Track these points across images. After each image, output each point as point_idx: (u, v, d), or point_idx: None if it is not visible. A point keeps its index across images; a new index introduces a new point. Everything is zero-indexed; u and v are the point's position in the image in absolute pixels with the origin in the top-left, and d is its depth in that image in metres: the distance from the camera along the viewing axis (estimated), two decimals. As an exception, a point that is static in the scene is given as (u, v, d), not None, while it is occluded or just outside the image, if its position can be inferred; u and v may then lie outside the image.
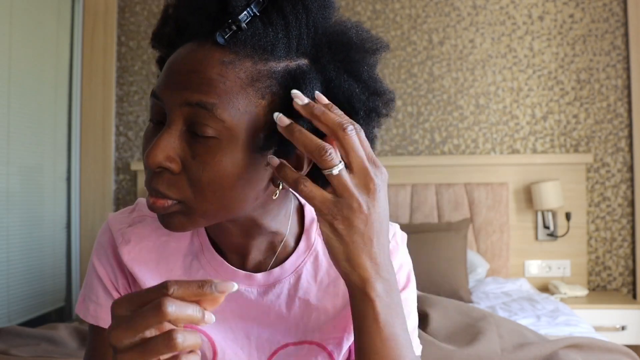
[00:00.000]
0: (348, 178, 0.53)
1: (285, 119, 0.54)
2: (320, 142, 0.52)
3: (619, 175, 2.86)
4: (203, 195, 0.55)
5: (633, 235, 2.83)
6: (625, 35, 2.87)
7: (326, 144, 0.53)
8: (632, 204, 2.83)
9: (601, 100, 2.89)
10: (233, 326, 0.67)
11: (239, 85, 0.54)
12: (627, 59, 2.86)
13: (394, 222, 0.73)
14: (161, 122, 0.57)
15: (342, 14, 0.61)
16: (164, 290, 0.46)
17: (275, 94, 0.55)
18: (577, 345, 1.49)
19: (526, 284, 2.64)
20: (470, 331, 1.57)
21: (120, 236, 0.68)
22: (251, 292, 0.66)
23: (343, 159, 0.54)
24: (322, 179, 0.55)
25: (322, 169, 0.53)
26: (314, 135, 0.53)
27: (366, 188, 0.53)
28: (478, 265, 2.68)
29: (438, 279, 2.37)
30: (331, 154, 0.52)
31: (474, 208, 2.83)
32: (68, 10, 3.10)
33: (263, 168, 0.57)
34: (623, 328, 2.49)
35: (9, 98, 2.58)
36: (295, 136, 0.53)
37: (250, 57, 0.54)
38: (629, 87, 2.86)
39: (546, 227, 2.81)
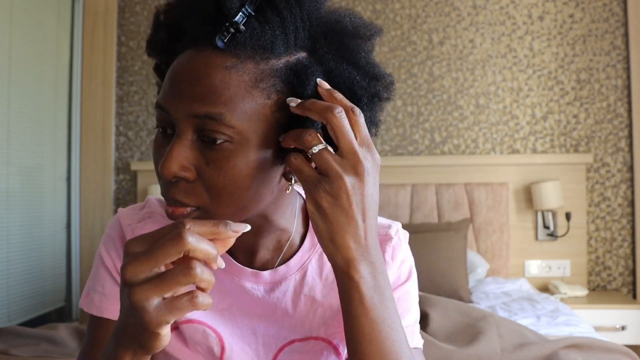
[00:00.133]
0: (331, 158, 0.53)
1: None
2: (302, 129, 0.55)
3: (619, 175, 2.86)
4: (220, 200, 0.56)
5: (633, 235, 2.83)
6: (625, 35, 2.87)
7: (308, 128, 0.54)
8: (632, 204, 2.83)
9: (601, 100, 2.89)
10: (240, 323, 0.68)
11: (244, 89, 0.54)
12: (627, 59, 2.86)
13: (396, 221, 0.75)
14: (169, 131, 0.58)
15: (333, 2, 0.61)
16: (180, 226, 0.47)
17: (280, 91, 0.56)
18: (577, 345, 1.49)
19: (526, 284, 2.64)
20: (470, 331, 1.57)
21: (130, 231, 0.69)
22: (257, 290, 0.67)
23: (335, 142, 0.55)
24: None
25: (305, 150, 0.54)
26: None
27: (354, 169, 0.53)
28: (478, 265, 2.68)
29: (438, 279, 2.37)
30: (310, 134, 0.53)
31: (474, 208, 2.83)
32: (68, 10, 3.10)
33: (275, 165, 0.58)
34: (623, 328, 2.49)
35: (9, 98, 2.57)
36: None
37: (251, 58, 0.54)
38: (629, 87, 2.86)
39: (546, 227, 2.81)
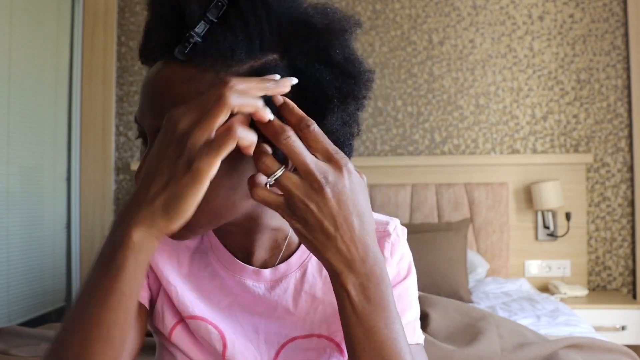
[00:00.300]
0: (290, 183, 0.52)
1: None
2: (260, 151, 0.53)
3: (619, 175, 2.86)
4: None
5: (633, 235, 2.83)
6: (625, 35, 2.87)
7: (264, 153, 0.53)
8: (632, 204, 2.83)
9: (601, 100, 2.89)
10: (242, 320, 0.68)
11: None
12: (627, 59, 2.86)
13: (394, 218, 0.75)
14: (149, 142, 0.59)
15: (333, 1, 0.60)
16: (223, 85, 0.49)
17: None
18: (577, 345, 1.49)
19: (526, 284, 2.64)
20: (470, 331, 1.57)
21: None
22: (259, 288, 0.68)
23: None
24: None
25: (266, 176, 0.53)
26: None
27: (313, 189, 0.52)
28: (478, 265, 2.68)
29: (438, 279, 2.37)
30: (265, 162, 0.53)
31: (474, 208, 2.83)
32: (68, 10, 3.10)
33: (243, 170, 0.57)
34: (623, 328, 2.49)
35: (9, 98, 2.58)
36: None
37: (211, 67, 0.54)
38: (629, 87, 2.86)
39: (546, 227, 2.81)
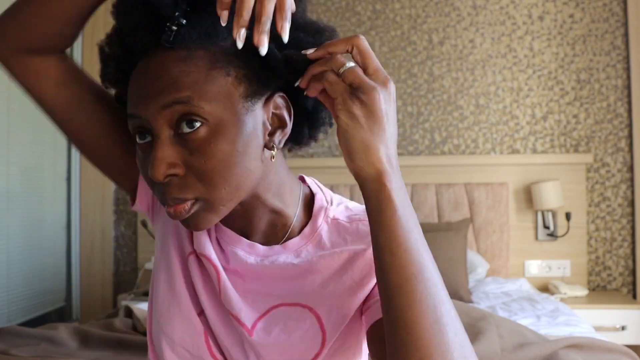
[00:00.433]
0: (360, 73, 0.55)
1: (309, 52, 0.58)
2: (328, 55, 0.57)
3: (619, 175, 2.86)
4: (214, 184, 0.58)
5: (633, 235, 2.83)
6: (625, 35, 2.87)
7: (332, 54, 0.57)
8: (632, 204, 2.83)
9: (601, 100, 2.89)
10: (233, 281, 0.69)
11: (203, 72, 0.57)
12: (627, 59, 2.86)
13: None
14: (146, 137, 0.60)
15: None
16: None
17: (237, 66, 0.59)
18: (577, 345, 1.49)
19: (526, 284, 2.64)
20: (470, 331, 1.57)
21: None
22: (249, 258, 0.70)
23: (360, 64, 0.56)
24: (309, 117, 0.66)
25: (337, 70, 0.55)
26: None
27: (383, 84, 0.55)
28: (478, 265, 2.68)
29: (438, 279, 2.37)
30: (338, 58, 0.56)
31: (474, 208, 2.83)
32: (68, 10, 3.10)
33: (255, 137, 0.60)
34: (623, 328, 2.49)
35: (8, 98, 2.57)
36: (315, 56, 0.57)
37: (200, 46, 0.58)
38: (629, 87, 2.86)
39: (546, 227, 2.81)
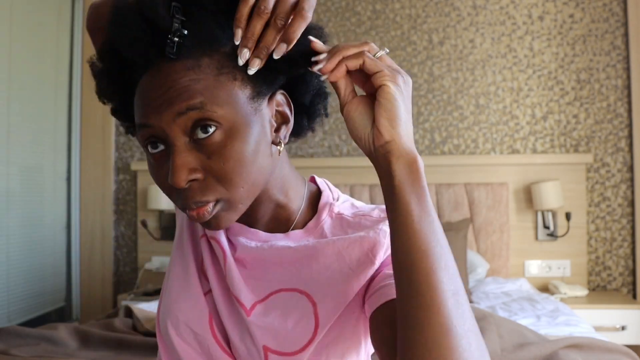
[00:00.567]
0: (390, 61, 0.59)
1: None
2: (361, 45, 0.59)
3: (619, 175, 2.86)
4: (234, 184, 0.60)
5: (633, 235, 2.83)
6: (625, 35, 2.87)
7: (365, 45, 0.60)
8: (632, 204, 2.83)
9: (601, 100, 2.89)
10: (233, 267, 0.70)
11: (211, 79, 0.58)
12: (627, 59, 2.86)
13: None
14: (158, 146, 0.61)
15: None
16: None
17: (242, 70, 0.60)
18: (577, 345, 1.49)
19: (526, 284, 2.64)
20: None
21: None
22: (250, 243, 0.71)
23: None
24: (307, 110, 0.69)
25: (373, 54, 0.58)
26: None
27: (401, 74, 0.58)
28: (478, 265, 2.68)
29: (438, 279, 2.37)
30: (371, 45, 0.59)
31: (474, 208, 2.83)
32: (68, 10, 3.10)
33: (264, 135, 0.62)
34: (623, 328, 2.49)
35: (9, 98, 2.58)
36: (340, 54, 0.58)
37: (203, 54, 0.59)
38: (629, 87, 2.86)
39: (546, 227, 2.81)
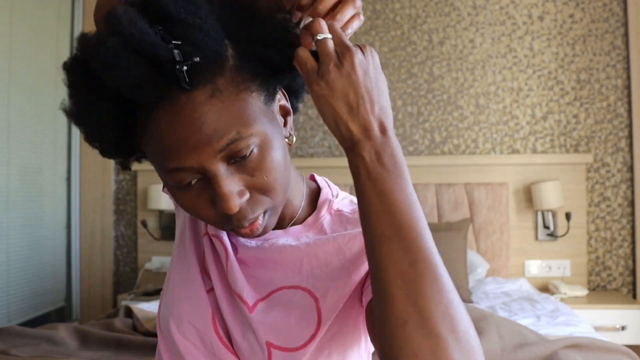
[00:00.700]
0: (329, 47, 0.57)
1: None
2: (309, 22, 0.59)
3: (619, 175, 2.86)
4: (276, 192, 0.62)
5: (633, 235, 2.83)
6: (625, 35, 2.87)
7: (316, 17, 0.59)
8: (632, 204, 2.83)
9: (601, 100, 2.89)
10: (235, 265, 0.70)
11: (233, 99, 0.57)
12: (627, 59, 2.86)
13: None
14: (194, 182, 0.59)
15: None
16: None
17: (251, 79, 0.59)
18: (577, 345, 1.49)
19: (526, 284, 2.64)
20: (470, 331, 1.57)
21: None
22: (250, 242, 0.71)
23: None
24: (296, 93, 0.70)
25: (314, 35, 0.57)
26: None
27: (344, 55, 0.56)
28: (478, 265, 2.68)
29: (438, 279, 2.37)
30: (319, 21, 0.57)
31: (474, 208, 2.83)
32: (68, 10, 3.10)
33: (281, 134, 0.63)
34: (623, 328, 2.49)
35: (9, 98, 2.58)
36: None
37: (215, 74, 0.56)
38: (629, 87, 2.86)
39: (546, 227, 2.81)
